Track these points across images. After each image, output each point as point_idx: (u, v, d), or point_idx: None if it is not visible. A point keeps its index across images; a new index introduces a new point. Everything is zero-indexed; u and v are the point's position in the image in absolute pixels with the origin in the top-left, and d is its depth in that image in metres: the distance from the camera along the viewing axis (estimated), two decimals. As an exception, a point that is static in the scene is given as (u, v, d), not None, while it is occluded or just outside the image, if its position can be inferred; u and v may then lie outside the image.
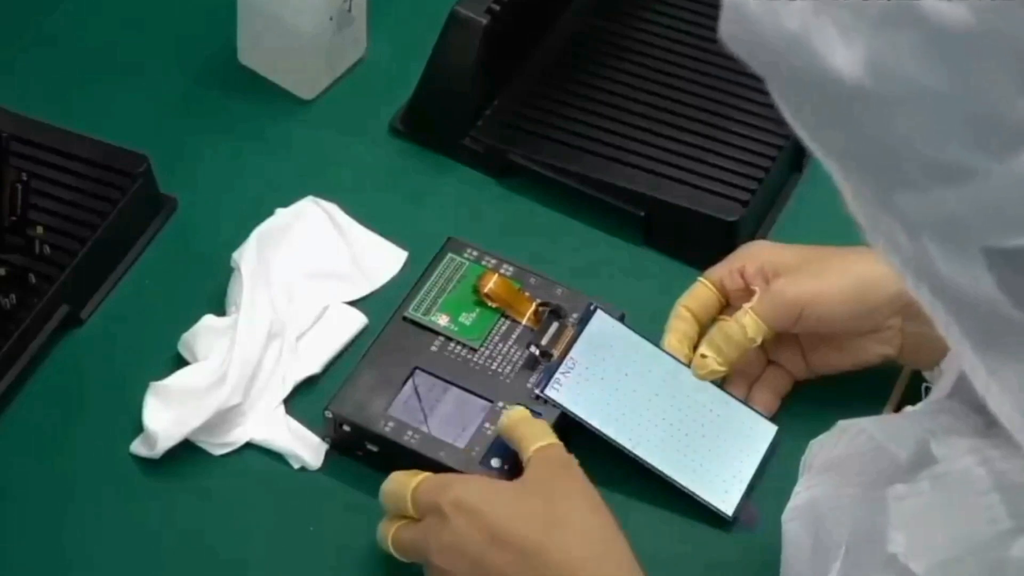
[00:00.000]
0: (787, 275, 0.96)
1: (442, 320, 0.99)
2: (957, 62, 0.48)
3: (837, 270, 0.96)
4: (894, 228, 0.55)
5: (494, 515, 0.84)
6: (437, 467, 0.91)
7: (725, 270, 0.99)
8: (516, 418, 0.92)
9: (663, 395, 0.97)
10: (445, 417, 0.95)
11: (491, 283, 0.99)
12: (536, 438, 0.89)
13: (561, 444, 0.89)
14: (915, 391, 0.96)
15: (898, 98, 0.50)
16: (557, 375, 0.96)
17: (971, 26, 0.48)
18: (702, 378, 0.97)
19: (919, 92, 0.50)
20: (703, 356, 0.97)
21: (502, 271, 1.01)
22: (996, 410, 0.59)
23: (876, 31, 0.49)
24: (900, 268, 0.57)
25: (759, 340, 0.96)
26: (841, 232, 0.61)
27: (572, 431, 0.94)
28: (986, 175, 0.50)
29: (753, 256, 0.98)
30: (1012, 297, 0.54)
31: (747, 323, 0.96)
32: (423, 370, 0.97)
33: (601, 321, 0.99)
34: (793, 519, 0.81)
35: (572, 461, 0.88)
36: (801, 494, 0.82)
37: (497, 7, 1.08)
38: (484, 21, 1.07)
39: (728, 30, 0.53)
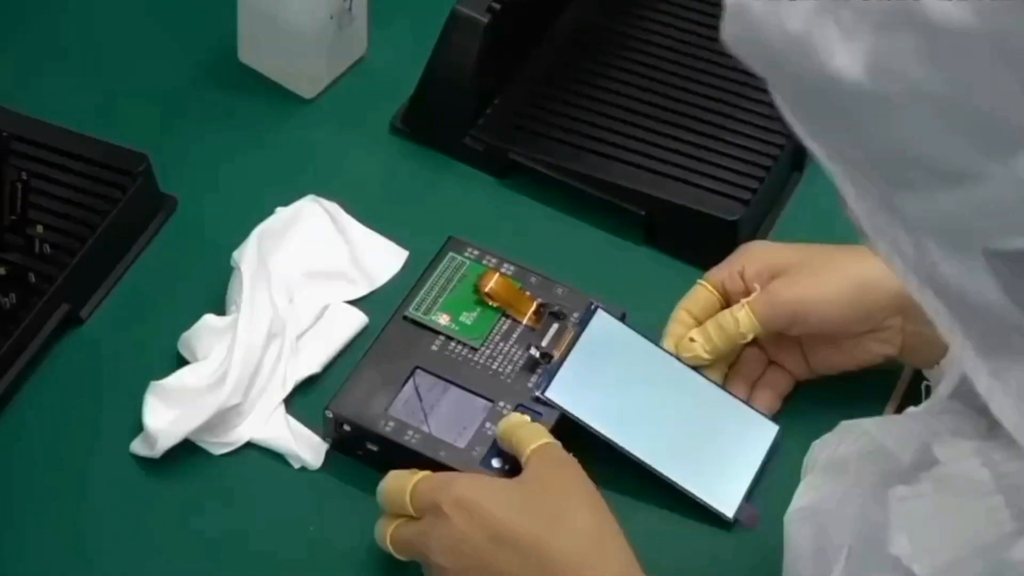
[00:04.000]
0: (785, 275, 0.96)
1: (443, 319, 0.99)
2: (958, 63, 0.48)
3: (836, 270, 0.95)
4: (896, 231, 0.55)
5: (494, 513, 0.84)
6: (437, 467, 0.91)
7: (725, 272, 0.98)
8: (513, 423, 0.92)
9: (664, 396, 0.97)
10: (446, 417, 0.95)
11: (492, 282, 0.99)
12: (532, 439, 0.89)
13: (558, 443, 0.89)
14: (916, 390, 0.96)
15: (899, 99, 0.50)
16: (557, 377, 0.96)
17: (973, 27, 0.47)
18: (686, 361, 0.97)
19: (920, 93, 0.49)
20: (691, 339, 0.97)
21: (503, 270, 1.01)
22: (998, 412, 0.59)
23: (878, 32, 0.49)
24: (903, 272, 0.57)
25: (750, 336, 0.96)
26: (841, 232, 0.61)
27: (572, 432, 0.94)
28: (987, 177, 0.50)
29: (753, 257, 0.98)
30: (1014, 299, 0.54)
31: (741, 317, 0.96)
32: (423, 370, 0.97)
33: (602, 321, 0.99)
34: (796, 520, 0.81)
35: (570, 458, 0.88)
36: (804, 495, 0.81)
37: (498, 6, 1.07)
38: (485, 20, 1.07)
39: (731, 31, 0.53)
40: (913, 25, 0.48)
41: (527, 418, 0.93)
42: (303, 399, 0.99)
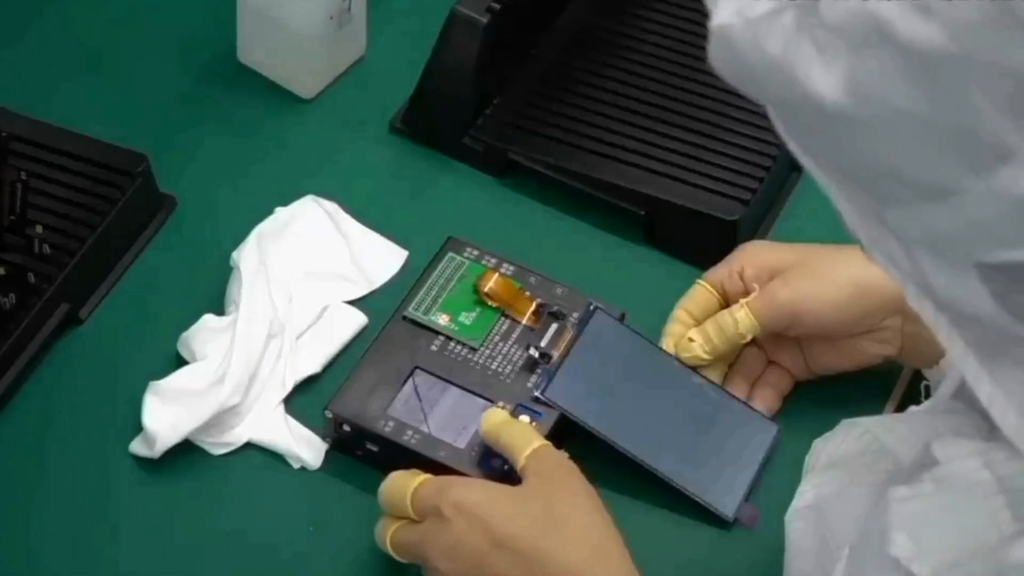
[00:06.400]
0: (784, 276, 0.96)
1: (442, 319, 0.99)
2: (933, 82, 0.49)
3: (835, 271, 0.95)
4: (890, 243, 0.56)
5: (494, 518, 0.84)
6: (437, 467, 0.91)
7: (724, 272, 0.98)
8: (496, 422, 0.91)
9: (663, 396, 0.97)
10: (445, 417, 0.95)
11: (491, 282, 0.99)
12: (524, 443, 0.88)
13: (550, 444, 0.89)
14: (916, 390, 0.96)
15: (877, 118, 0.51)
16: (556, 377, 0.96)
17: (945, 47, 0.48)
18: (684, 361, 0.97)
19: (897, 112, 0.50)
20: (690, 340, 0.97)
21: (502, 270, 1.01)
22: (999, 418, 0.59)
23: (853, 53, 0.50)
24: (901, 282, 0.58)
25: (749, 337, 0.96)
26: (840, 232, 0.61)
27: (572, 432, 0.94)
28: (969, 192, 0.51)
29: (752, 257, 0.98)
30: (1008, 310, 0.54)
31: (740, 318, 0.96)
32: (423, 370, 0.97)
33: (601, 321, 0.99)
34: (797, 519, 0.81)
35: (567, 460, 0.88)
36: (805, 494, 0.81)
37: (497, 6, 1.07)
38: (484, 20, 1.07)
39: (716, 58, 0.54)
40: (886, 46, 0.49)
41: (506, 415, 0.92)
42: (303, 399, 0.99)
